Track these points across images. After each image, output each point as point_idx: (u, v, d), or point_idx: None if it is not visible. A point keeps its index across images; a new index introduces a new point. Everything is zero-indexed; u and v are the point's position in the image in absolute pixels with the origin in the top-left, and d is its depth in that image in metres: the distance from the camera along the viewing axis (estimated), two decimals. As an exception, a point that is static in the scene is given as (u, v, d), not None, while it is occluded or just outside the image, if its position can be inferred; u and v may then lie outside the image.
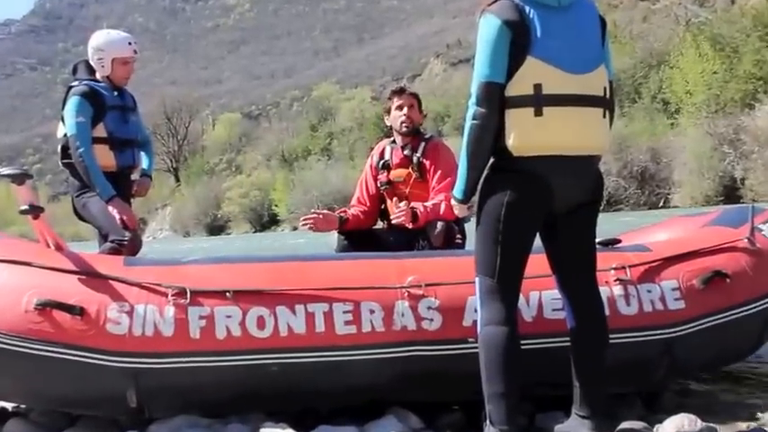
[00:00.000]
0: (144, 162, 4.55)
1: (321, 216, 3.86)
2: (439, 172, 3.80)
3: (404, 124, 3.88)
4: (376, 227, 4.08)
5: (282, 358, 2.71)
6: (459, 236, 3.72)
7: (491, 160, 2.45)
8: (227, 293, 2.75)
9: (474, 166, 2.43)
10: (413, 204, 3.76)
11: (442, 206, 3.67)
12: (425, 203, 3.73)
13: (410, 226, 3.70)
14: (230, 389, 2.73)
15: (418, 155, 3.87)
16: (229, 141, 77.18)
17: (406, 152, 3.92)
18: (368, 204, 4.03)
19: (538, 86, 2.33)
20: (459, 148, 2.48)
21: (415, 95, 3.92)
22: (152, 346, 2.66)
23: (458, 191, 2.52)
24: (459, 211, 2.58)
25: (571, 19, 2.40)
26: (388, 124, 4.00)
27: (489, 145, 2.40)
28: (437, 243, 3.59)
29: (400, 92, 3.92)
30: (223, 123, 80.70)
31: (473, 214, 2.56)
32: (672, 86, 32.22)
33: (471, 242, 2.65)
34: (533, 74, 2.34)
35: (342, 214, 3.94)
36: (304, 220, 3.83)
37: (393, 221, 3.71)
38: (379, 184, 4.00)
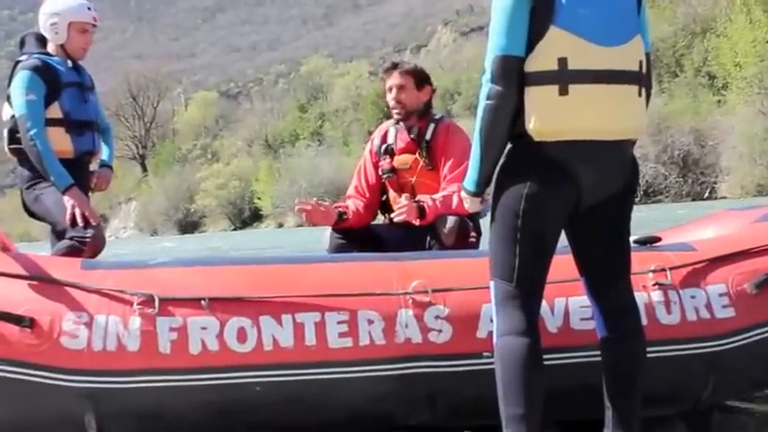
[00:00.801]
0: (104, 151, 4.54)
1: (320, 207, 3.86)
2: (451, 159, 3.80)
3: (394, 110, 3.89)
4: (375, 222, 4.08)
5: (267, 376, 2.71)
6: (473, 233, 3.72)
7: (508, 146, 2.45)
8: (202, 301, 2.75)
9: (488, 154, 2.43)
10: (419, 197, 3.76)
11: (455, 198, 3.67)
12: (434, 196, 3.73)
13: (417, 222, 3.70)
14: (206, 412, 2.73)
15: (427, 138, 3.87)
16: (204, 124, 77.20)
17: (412, 135, 3.91)
18: (367, 196, 4.04)
19: (563, 61, 2.33)
20: (472, 131, 2.48)
21: (410, 72, 3.87)
22: (114, 363, 2.66)
23: (469, 182, 2.52)
24: (470, 205, 2.58)
25: (601, -18, 2.40)
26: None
27: (506, 129, 2.39)
28: (448, 242, 3.59)
29: (389, 70, 3.92)
30: (197, 103, 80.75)
31: (488, 209, 2.56)
32: (719, 58, 32.23)
33: (486, 241, 2.65)
34: (558, 46, 2.33)
35: (341, 209, 3.94)
36: (299, 206, 3.84)
37: (395, 219, 3.71)
38: (380, 172, 4.00)
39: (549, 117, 2.36)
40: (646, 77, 2.49)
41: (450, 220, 3.62)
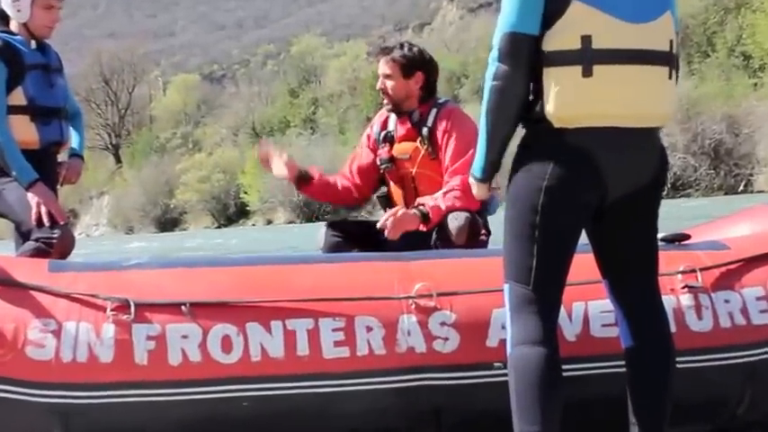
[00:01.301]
0: (73, 139, 4.53)
1: (281, 156, 3.99)
2: (452, 146, 3.80)
3: (383, 99, 3.95)
4: (375, 219, 4.07)
5: (255, 390, 2.71)
6: (484, 232, 3.73)
7: (524, 134, 2.45)
8: (183, 306, 2.75)
9: (495, 138, 2.44)
10: (419, 200, 3.76)
11: (455, 196, 3.67)
12: (435, 195, 3.72)
13: (423, 228, 3.70)
14: (187, 431, 2.72)
15: (428, 125, 3.88)
16: (185, 111, 77.21)
17: (413, 121, 3.92)
18: (354, 179, 4.08)
19: (586, 39, 2.33)
20: (478, 116, 2.49)
21: (395, 61, 3.86)
22: (85, 376, 2.65)
23: (476, 167, 2.55)
24: (478, 191, 2.60)
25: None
26: None
27: (514, 112, 2.40)
28: (459, 241, 3.59)
29: (377, 54, 4.00)
30: (177, 87, 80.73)
31: (497, 204, 2.57)
32: (755, 36, 32.22)
33: (498, 240, 2.65)
34: (580, 23, 2.33)
35: (307, 170, 4.03)
36: (262, 146, 4.07)
37: (387, 235, 3.65)
38: (378, 162, 4.01)
39: (571, 101, 2.35)
40: (676, 59, 2.49)
41: (461, 217, 3.62)
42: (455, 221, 3.62)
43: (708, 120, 30.03)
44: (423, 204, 3.71)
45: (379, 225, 3.66)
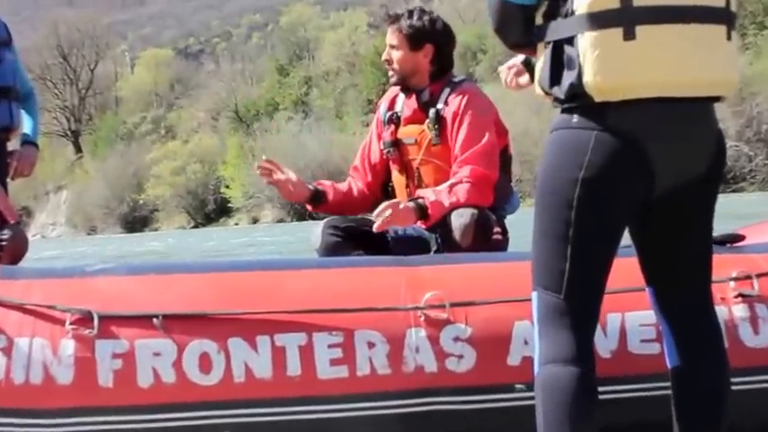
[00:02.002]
0: (26, 124, 4.53)
1: (287, 178, 3.95)
2: (464, 132, 3.79)
3: (389, 72, 3.99)
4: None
5: (238, 416, 2.71)
6: (497, 230, 3.72)
7: (558, 115, 2.44)
8: (155, 319, 2.75)
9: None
10: (419, 192, 3.75)
11: (463, 189, 3.67)
12: (438, 188, 3.71)
13: (422, 226, 3.69)
14: (160, 463, 2.73)
15: (438, 106, 3.88)
16: (156, 91, 77.37)
17: (421, 101, 3.93)
18: (367, 175, 4.09)
19: (626, -1, 2.32)
20: (499, 99, 2.49)
21: (402, 32, 3.90)
22: (41, 401, 2.65)
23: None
24: (511, 73, 2.71)
25: None
26: None
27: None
28: (465, 241, 3.59)
29: (386, 21, 4.04)
30: (147, 64, 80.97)
31: (515, 204, 2.54)
32: (820, 4, 32.13)
33: (517, 243, 2.64)
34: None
35: (318, 186, 4.01)
36: (262, 166, 3.97)
37: (374, 228, 3.66)
38: (381, 146, 4.03)
39: (613, 68, 2.33)
40: (734, 17, 2.47)
41: (466, 214, 3.61)
42: (459, 219, 3.61)
43: (765, 101, 29.99)
44: (422, 197, 3.69)
45: (374, 214, 3.67)
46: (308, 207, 4.09)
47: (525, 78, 2.73)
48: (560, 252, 2.41)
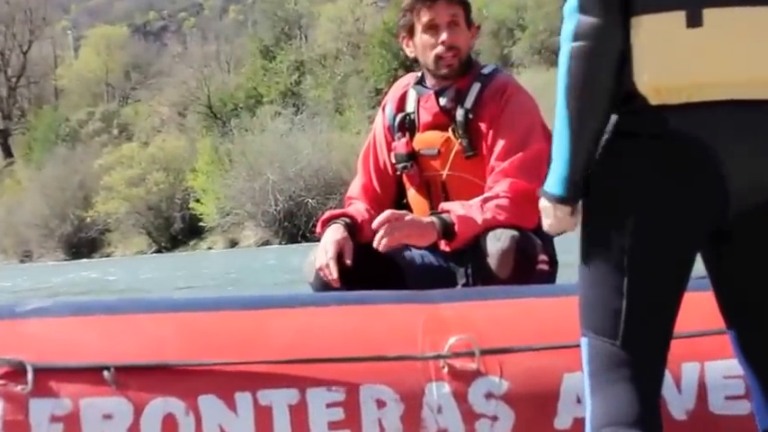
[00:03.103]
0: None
1: (332, 264, 3.68)
2: (503, 138, 3.80)
3: (443, 62, 3.89)
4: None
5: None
6: (543, 258, 3.72)
7: (612, 119, 2.44)
8: (105, 372, 2.75)
9: (581, 134, 2.42)
10: (444, 205, 3.74)
11: (500, 206, 3.67)
12: (470, 202, 3.72)
13: (445, 248, 3.69)
14: None
15: (467, 105, 3.88)
16: (107, 80, 77.60)
17: (444, 101, 3.92)
18: (376, 188, 4.08)
19: (692, -27, 2.33)
20: (543, 90, 2.48)
21: (460, 0, 3.91)
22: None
23: (555, 180, 2.51)
24: (554, 220, 2.56)
25: None
26: (411, 56, 4.02)
27: (608, 86, 2.40)
28: (503, 272, 3.59)
29: None
30: (95, 45, 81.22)
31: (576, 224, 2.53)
32: None
33: (568, 272, 2.64)
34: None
35: (346, 218, 3.86)
36: (323, 270, 3.69)
37: (379, 246, 3.60)
38: (393, 160, 4.02)
39: (673, 63, 2.35)
40: None
41: (505, 237, 3.61)
42: (497, 243, 3.60)
43: None
44: (447, 211, 3.69)
45: (373, 225, 3.64)
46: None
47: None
48: (614, 288, 2.42)
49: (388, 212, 3.64)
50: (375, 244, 3.60)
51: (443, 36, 3.86)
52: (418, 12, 3.89)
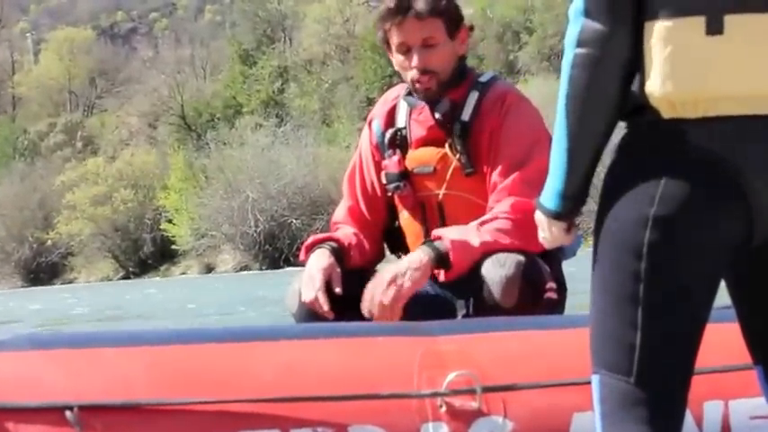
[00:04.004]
0: None
1: (321, 296, 3.68)
2: (505, 153, 3.81)
3: (419, 86, 3.88)
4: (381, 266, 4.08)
5: None
6: (551, 286, 3.72)
7: (623, 132, 2.46)
8: (68, 412, 2.75)
9: (580, 148, 2.45)
10: (436, 232, 3.74)
11: (500, 228, 3.68)
12: (467, 226, 3.72)
13: (442, 278, 3.70)
14: None
15: (464, 118, 3.89)
16: (70, 88, 77.57)
17: (439, 114, 3.94)
18: (364, 212, 4.08)
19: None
20: (547, 103, 2.50)
21: (438, 12, 3.84)
22: None
23: (550, 194, 2.54)
24: (549, 235, 2.58)
25: None
26: (396, 68, 4.01)
27: (613, 99, 2.41)
28: (508, 301, 3.59)
29: (394, 13, 3.86)
30: (57, 49, 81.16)
31: (579, 243, 2.56)
32: None
33: (577, 301, 2.65)
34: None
35: (332, 243, 3.89)
36: (315, 303, 3.68)
37: (365, 311, 3.60)
38: (384, 180, 4.03)
39: (690, 73, 2.36)
40: None
41: (509, 263, 3.61)
42: (500, 269, 3.59)
43: None
44: (440, 238, 3.69)
45: (363, 308, 3.61)
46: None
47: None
48: (628, 319, 2.42)
49: (366, 296, 3.60)
50: (365, 310, 3.59)
51: (414, 60, 3.85)
52: (389, 31, 3.89)
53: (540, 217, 2.58)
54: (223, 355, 2.98)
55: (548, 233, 2.59)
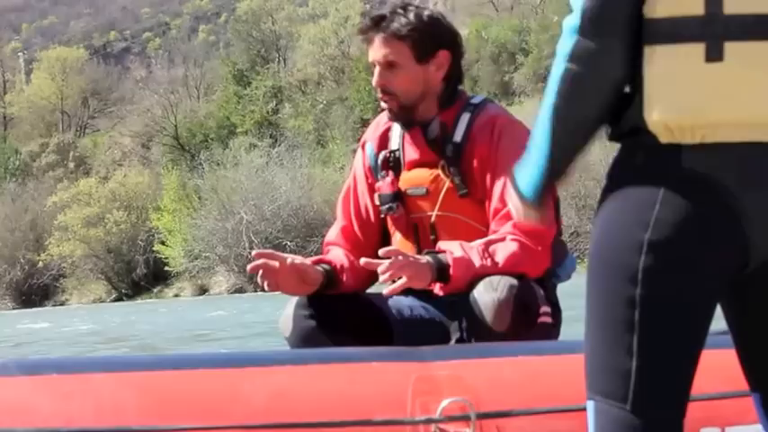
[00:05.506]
0: None
1: (286, 263, 3.75)
2: (502, 179, 3.80)
3: (382, 102, 3.95)
4: (374, 291, 4.08)
5: None
6: (545, 310, 3.72)
7: (618, 154, 2.46)
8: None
9: (561, 139, 2.47)
10: (441, 245, 3.75)
11: (508, 248, 3.69)
12: (471, 243, 3.72)
13: (438, 292, 3.70)
14: None
15: (456, 140, 3.91)
16: (63, 108, 77.55)
17: (430, 135, 3.95)
18: (357, 234, 4.08)
19: (713, 3, 2.35)
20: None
21: (401, 36, 3.86)
22: None
23: (525, 181, 2.58)
24: (518, 210, 2.62)
25: None
26: None
27: (596, 110, 2.44)
28: (500, 325, 3.59)
29: (366, 31, 3.94)
30: (49, 69, 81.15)
31: (572, 266, 2.56)
32: None
33: (573, 325, 2.65)
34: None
35: (325, 265, 3.89)
36: (255, 263, 3.75)
37: (385, 291, 3.64)
38: (378, 202, 4.04)
39: (688, 100, 2.37)
40: None
41: (502, 286, 3.61)
42: (492, 293, 3.58)
43: None
44: (444, 251, 3.71)
45: (380, 270, 3.62)
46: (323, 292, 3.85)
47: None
48: (624, 345, 2.42)
49: (391, 254, 3.62)
50: (385, 292, 3.65)
51: (374, 79, 3.93)
52: (366, 44, 3.98)
53: (511, 191, 2.63)
54: (214, 381, 2.98)
55: (520, 207, 2.64)
